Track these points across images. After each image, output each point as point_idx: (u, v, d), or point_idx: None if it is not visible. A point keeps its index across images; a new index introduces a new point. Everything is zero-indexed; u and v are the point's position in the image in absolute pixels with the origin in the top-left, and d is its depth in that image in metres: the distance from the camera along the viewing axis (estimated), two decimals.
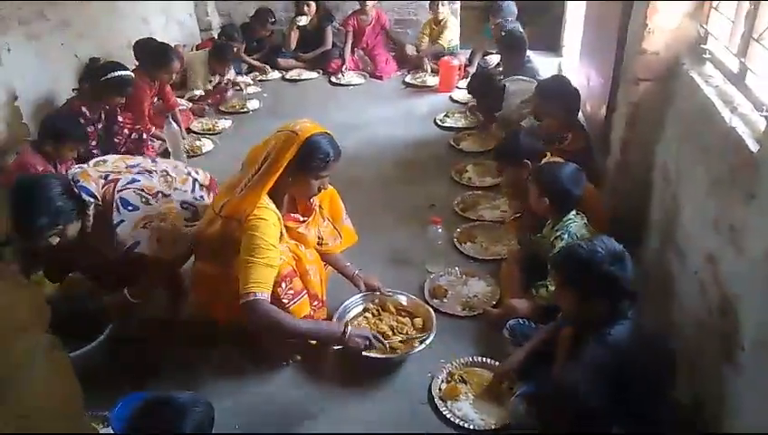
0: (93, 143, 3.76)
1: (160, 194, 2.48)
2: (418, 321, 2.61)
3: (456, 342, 2.56)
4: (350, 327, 2.32)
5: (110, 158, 2.62)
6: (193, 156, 4.31)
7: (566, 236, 2.42)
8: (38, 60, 4.00)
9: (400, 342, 2.48)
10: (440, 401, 2.25)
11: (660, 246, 2.59)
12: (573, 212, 2.51)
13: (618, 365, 1.74)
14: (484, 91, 4.47)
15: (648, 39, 2.62)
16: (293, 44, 6.09)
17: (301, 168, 2.24)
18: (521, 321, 2.44)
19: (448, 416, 2.18)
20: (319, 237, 2.58)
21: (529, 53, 4.50)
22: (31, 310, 0.75)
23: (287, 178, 2.25)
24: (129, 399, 1.99)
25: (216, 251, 2.30)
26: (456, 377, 2.35)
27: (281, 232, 2.28)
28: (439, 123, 4.75)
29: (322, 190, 2.39)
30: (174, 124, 4.15)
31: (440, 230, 3.03)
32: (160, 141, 4.30)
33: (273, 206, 2.24)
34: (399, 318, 2.63)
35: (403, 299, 2.71)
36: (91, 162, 2.53)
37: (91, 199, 2.32)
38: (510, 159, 2.88)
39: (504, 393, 2.24)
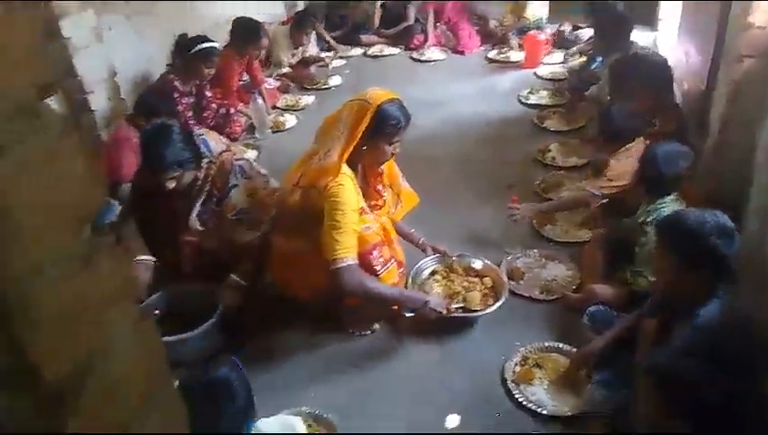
0: (189, 114, 3.95)
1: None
2: (488, 280, 2.63)
3: (532, 325, 2.51)
4: (431, 296, 2.39)
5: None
6: (276, 131, 4.42)
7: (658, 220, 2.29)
8: (136, 38, 4.22)
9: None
10: (513, 385, 2.22)
11: (760, 229, 2.40)
12: (671, 196, 2.37)
13: (708, 348, 1.66)
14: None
15: (755, 12, 2.41)
16: (377, 21, 6.07)
17: (375, 134, 2.29)
18: (601, 307, 2.36)
19: (521, 400, 2.15)
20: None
21: None
22: (120, 281, 0.79)
23: (362, 147, 2.30)
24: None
25: (297, 223, 2.34)
26: (530, 361, 2.31)
27: (360, 202, 2.32)
28: (523, 100, 4.61)
29: (394, 155, 2.43)
30: (260, 100, 4.28)
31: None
32: (246, 117, 4.44)
33: (350, 173, 2.29)
34: (470, 278, 2.65)
35: (477, 263, 2.72)
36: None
37: (208, 154, 2.45)
38: (604, 136, 2.77)
39: (580, 380, 2.19)
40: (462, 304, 2.49)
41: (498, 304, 2.47)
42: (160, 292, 2.55)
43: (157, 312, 2.49)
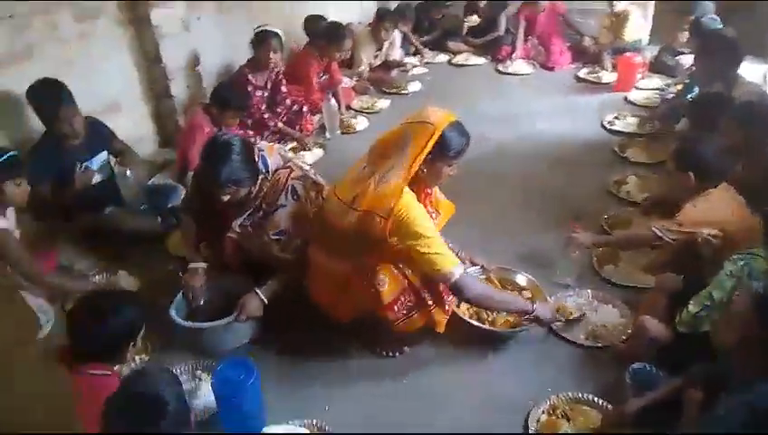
0: (263, 107, 4.02)
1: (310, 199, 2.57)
2: (527, 293, 2.62)
3: (569, 372, 2.34)
4: (537, 304, 2.40)
5: (289, 153, 2.77)
6: (346, 133, 4.42)
7: (744, 264, 2.02)
8: (222, 30, 4.35)
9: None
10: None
11: None
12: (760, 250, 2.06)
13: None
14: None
15: None
16: (466, 29, 5.97)
17: (436, 158, 2.23)
18: (647, 367, 2.15)
19: None
20: None
21: None
22: (20, 324, 0.78)
23: (421, 169, 2.24)
24: (227, 365, 2.10)
25: (346, 245, 2.27)
26: (559, 411, 2.14)
27: None
28: (606, 126, 4.35)
29: (450, 176, 2.36)
30: (333, 101, 4.30)
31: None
32: (319, 115, 4.47)
33: (410, 191, 2.22)
34: (508, 291, 2.62)
35: (520, 278, 2.69)
36: (277, 145, 2.71)
37: (264, 171, 2.47)
38: (685, 164, 2.53)
39: None
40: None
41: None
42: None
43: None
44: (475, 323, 2.50)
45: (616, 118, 4.41)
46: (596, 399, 2.17)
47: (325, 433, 2.12)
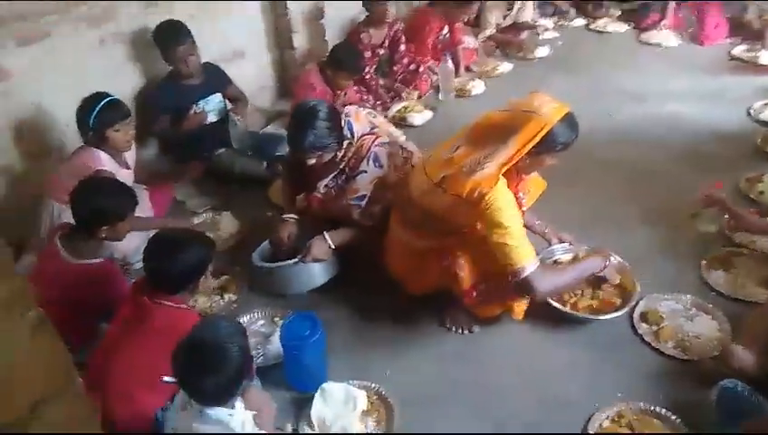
0: (372, 69, 4.04)
1: (396, 166, 2.59)
2: (615, 278, 2.48)
3: (645, 380, 2.19)
4: (610, 259, 2.39)
5: (380, 117, 2.80)
6: (460, 96, 4.32)
7: None
8: None
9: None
10: None
11: None
12: None
13: None
14: None
15: None
16: None
17: (542, 151, 2.16)
18: (738, 387, 1.96)
19: None
20: None
21: None
22: (9, 289, 0.86)
23: (523, 159, 2.16)
24: (299, 317, 2.22)
25: (430, 224, 2.25)
26: (624, 420, 2.03)
27: None
28: (753, 114, 3.86)
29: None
30: (450, 62, 4.20)
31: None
32: (436, 76, 4.40)
33: (503, 179, 2.14)
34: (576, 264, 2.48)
35: (612, 260, 2.49)
36: (366, 110, 2.74)
37: (350, 137, 2.53)
38: None
39: None
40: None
41: (615, 314, 2.34)
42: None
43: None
44: (555, 304, 2.41)
45: (766, 105, 3.89)
46: (669, 414, 2.03)
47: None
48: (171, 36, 3.21)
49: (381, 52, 4.16)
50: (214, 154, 3.42)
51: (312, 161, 2.46)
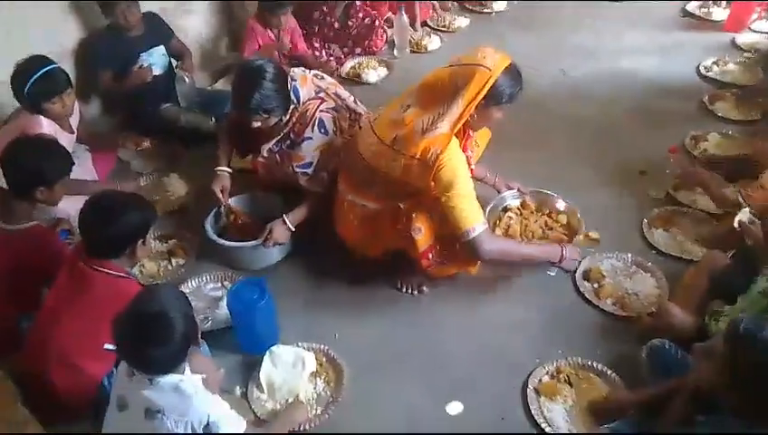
0: (337, 25, 3.97)
1: (343, 129, 2.55)
2: (562, 218, 2.69)
3: (585, 336, 2.28)
4: (566, 246, 2.40)
5: (328, 79, 2.70)
6: (416, 52, 4.25)
7: None
8: None
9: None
10: (534, 394, 2.07)
11: None
12: None
13: None
14: None
15: None
16: None
17: (489, 104, 2.16)
18: (666, 345, 2.05)
19: (534, 412, 2.00)
20: None
21: None
22: None
23: (471, 115, 2.16)
24: (245, 282, 2.21)
25: (381, 185, 2.24)
26: (563, 376, 2.12)
27: None
28: (702, 71, 3.92)
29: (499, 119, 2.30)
30: (405, 17, 4.10)
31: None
32: (392, 31, 4.30)
33: (457, 143, 2.15)
34: (548, 218, 2.71)
35: (560, 203, 2.73)
36: (312, 72, 2.64)
37: (296, 101, 2.46)
38: None
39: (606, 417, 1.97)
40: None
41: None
42: (236, 197, 2.70)
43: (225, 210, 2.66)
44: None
45: (714, 63, 3.95)
46: (606, 369, 2.12)
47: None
48: None
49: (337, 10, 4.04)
50: (158, 109, 3.30)
51: (257, 124, 2.40)
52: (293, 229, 2.53)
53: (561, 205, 2.74)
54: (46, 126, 2.59)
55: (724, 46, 4.23)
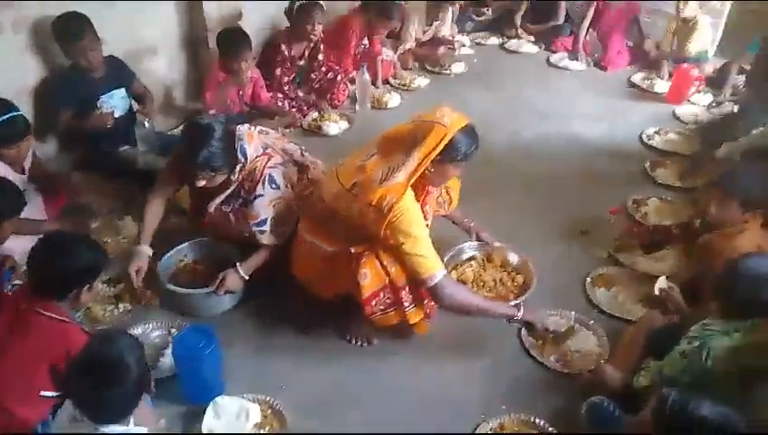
0: (286, 79, 4.07)
1: (292, 183, 2.62)
2: (519, 278, 2.79)
3: (529, 392, 2.33)
4: (521, 311, 2.42)
5: (272, 134, 2.78)
6: (377, 108, 4.39)
7: (698, 347, 1.94)
8: None
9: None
10: None
11: None
12: (747, 323, 1.94)
13: None
14: None
15: None
16: (521, 15, 5.75)
17: (445, 159, 2.25)
18: (605, 403, 2.12)
19: None
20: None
21: None
22: None
23: (428, 169, 2.25)
24: (192, 329, 2.20)
25: (337, 227, 2.30)
26: (506, 431, 2.15)
27: None
28: (645, 139, 4.16)
29: (454, 176, 2.42)
30: (366, 74, 4.25)
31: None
32: (354, 87, 4.43)
33: (411, 191, 2.23)
34: (503, 274, 2.81)
35: (514, 257, 2.86)
36: (258, 129, 2.70)
37: (243, 159, 2.50)
38: (731, 191, 2.45)
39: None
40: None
41: (513, 302, 2.57)
42: (190, 242, 2.70)
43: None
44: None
45: (656, 133, 4.21)
46: (546, 425, 2.17)
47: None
48: (71, 31, 3.05)
49: (301, 63, 4.16)
50: (116, 151, 3.30)
51: (203, 182, 2.42)
52: (247, 278, 2.53)
53: (514, 259, 2.86)
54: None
55: (666, 116, 4.51)
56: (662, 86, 4.87)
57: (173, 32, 3.94)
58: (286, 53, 4.02)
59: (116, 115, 3.24)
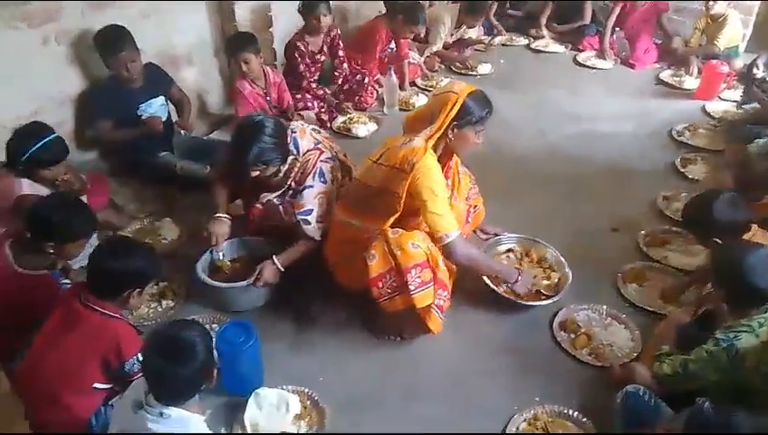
0: (312, 77, 4.19)
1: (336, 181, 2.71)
2: (555, 275, 2.81)
3: (561, 384, 2.36)
4: (522, 275, 2.63)
5: (323, 133, 2.89)
6: (404, 110, 4.45)
7: (725, 348, 1.93)
8: None
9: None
10: None
11: None
12: (762, 317, 1.95)
13: None
14: None
15: None
16: (548, 14, 5.76)
17: (461, 124, 2.38)
18: (641, 393, 2.12)
19: None
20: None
21: None
22: None
23: (448, 137, 2.40)
24: (233, 325, 2.28)
25: (367, 202, 2.44)
26: (540, 423, 2.18)
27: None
28: (675, 135, 4.15)
29: (478, 145, 2.49)
30: (394, 76, 4.32)
31: None
32: (381, 89, 4.50)
33: (434, 157, 2.39)
34: (539, 270, 2.84)
35: (549, 253, 2.90)
36: (311, 127, 2.81)
37: (296, 152, 2.61)
38: (697, 228, 2.46)
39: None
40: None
41: (546, 302, 2.66)
42: (228, 241, 2.79)
43: (222, 254, 2.74)
44: (491, 284, 2.67)
45: (686, 129, 4.19)
46: (580, 416, 2.20)
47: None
48: (112, 43, 3.18)
49: (322, 58, 4.25)
50: (156, 157, 3.42)
51: (256, 173, 2.53)
52: (283, 270, 2.61)
53: (550, 255, 2.91)
54: (26, 187, 2.59)
55: (696, 113, 4.48)
56: (691, 83, 4.85)
57: (206, 40, 4.07)
58: (302, 48, 4.11)
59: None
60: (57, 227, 2.18)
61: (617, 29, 5.42)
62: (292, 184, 2.65)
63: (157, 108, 3.41)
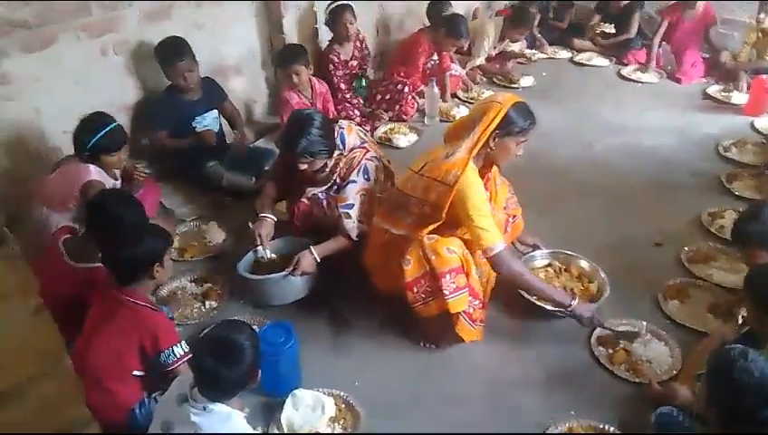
0: (344, 86, 4.30)
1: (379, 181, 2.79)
2: (593, 286, 2.81)
3: (598, 399, 2.34)
4: (575, 301, 2.48)
5: (369, 136, 2.99)
6: (445, 121, 4.49)
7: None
8: None
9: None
10: None
11: None
12: None
13: None
14: None
15: None
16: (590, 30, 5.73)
17: (504, 133, 2.40)
18: (674, 413, 2.10)
19: None
20: None
21: None
22: (13, 283, 1.00)
23: (489, 146, 2.42)
24: (273, 326, 2.35)
25: (408, 211, 2.48)
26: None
27: None
28: (721, 151, 4.06)
29: (518, 155, 2.51)
30: (435, 88, 4.37)
31: None
32: (422, 100, 4.56)
33: (475, 168, 2.42)
34: (577, 283, 2.84)
35: (585, 264, 2.89)
36: (357, 127, 2.92)
37: (341, 147, 2.71)
38: (745, 240, 2.40)
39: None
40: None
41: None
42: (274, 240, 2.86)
43: (266, 252, 2.80)
44: (526, 295, 2.64)
45: (733, 144, 4.10)
46: (616, 432, 2.18)
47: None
48: (172, 53, 3.34)
49: (354, 63, 4.36)
50: (205, 166, 3.55)
51: (304, 166, 2.63)
52: (319, 260, 2.67)
53: (586, 265, 2.90)
54: (95, 174, 2.77)
55: (744, 129, 4.38)
56: (739, 98, 4.74)
57: (255, 51, 4.20)
58: (336, 58, 4.24)
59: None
60: (112, 218, 2.31)
61: (663, 42, 5.35)
62: (337, 179, 2.75)
63: (210, 121, 3.57)
